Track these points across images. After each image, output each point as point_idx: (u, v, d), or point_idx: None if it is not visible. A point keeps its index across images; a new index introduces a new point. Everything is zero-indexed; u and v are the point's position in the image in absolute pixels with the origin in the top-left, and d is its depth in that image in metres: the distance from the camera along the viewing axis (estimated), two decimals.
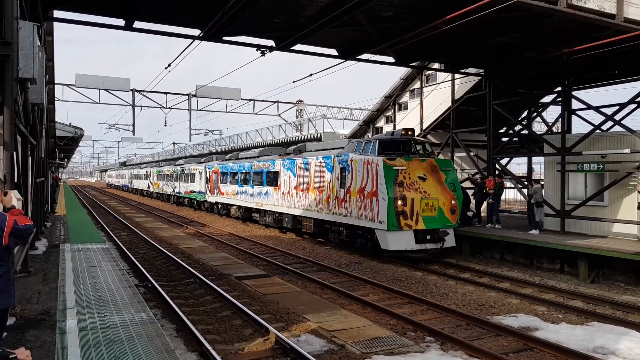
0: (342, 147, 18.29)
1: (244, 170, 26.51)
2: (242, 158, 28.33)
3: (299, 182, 20.18)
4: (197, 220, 29.19)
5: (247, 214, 26.49)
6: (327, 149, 19.71)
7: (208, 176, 32.81)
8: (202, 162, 36.24)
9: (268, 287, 12.01)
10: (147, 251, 17.64)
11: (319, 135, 32.25)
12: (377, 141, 16.30)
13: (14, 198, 6.56)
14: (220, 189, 30.06)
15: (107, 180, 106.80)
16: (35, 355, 5.47)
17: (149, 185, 55.32)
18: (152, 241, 19.30)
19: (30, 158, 12.26)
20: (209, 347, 7.26)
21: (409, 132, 16.33)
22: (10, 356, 2.92)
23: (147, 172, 57.26)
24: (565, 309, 10.40)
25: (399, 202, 14.70)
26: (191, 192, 37.31)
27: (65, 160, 54.60)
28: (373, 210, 15.34)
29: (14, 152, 7.99)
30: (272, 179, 22.78)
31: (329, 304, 10.52)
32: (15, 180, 7.86)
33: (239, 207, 27.38)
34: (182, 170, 39.93)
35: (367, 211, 15.67)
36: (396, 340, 8.20)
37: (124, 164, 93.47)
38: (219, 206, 31.24)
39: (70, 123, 27.16)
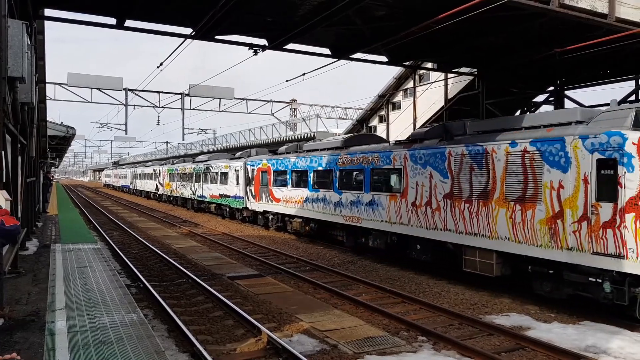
0: (577, 122, 10.29)
1: (321, 168, 18.49)
2: (314, 150, 19.70)
3: (461, 186, 12.19)
4: (191, 220, 29.08)
5: (322, 230, 18.86)
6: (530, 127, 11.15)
7: (251, 176, 24.76)
8: (238, 157, 28.25)
9: (261, 287, 11.97)
10: (139, 251, 17.55)
11: (312, 135, 32.21)
12: None
13: (2, 198, 6.51)
14: (273, 194, 22.06)
15: (104, 180, 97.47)
16: (23, 357, 5.41)
17: (157, 186, 47.07)
18: (144, 241, 19.20)
19: (20, 158, 12.15)
20: (201, 348, 7.23)
21: None
22: None
23: (155, 170, 48.27)
24: (557, 308, 10.42)
25: None
26: (221, 196, 29.06)
27: (57, 159, 54.34)
28: None
29: (3, 152, 7.92)
30: (387, 182, 15.19)
31: (321, 304, 10.49)
32: (4, 180, 7.78)
33: (307, 220, 19.57)
34: (208, 168, 32.03)
35: None
36: (389, 340, 8.19)
37: (116, 163, 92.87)
38: (270, 217, 23.12)
39: (61, 122, 27.02)
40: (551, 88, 20.45)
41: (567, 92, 19.98)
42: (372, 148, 16.04)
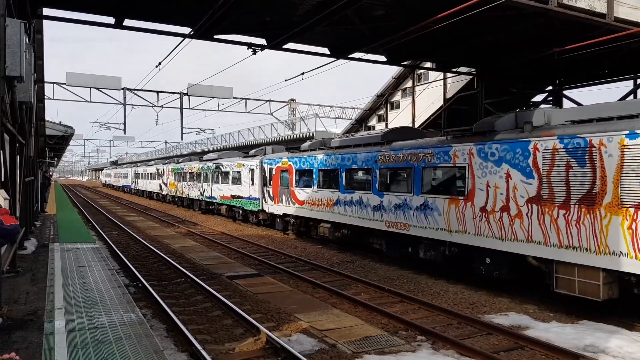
0: None
1: (356, 166, 16.14)
2: (346, 147, 17.13)
3: (553, 188, 10.04)
4: (189, 220, 29.06)
5: (356, 237, 16.61)
6: None
7: (268, 175, 22.47)
8: (253, 156, 25.79)
9: (259, 286, 11.97)
10: (137, 250, 17.54)
11: (311, 134, 32.20)
12: None
13: (1, 198, 6.50)
14: (296, 196, 19.76)
15: (104, 180, 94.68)
16: (22, 356, 5.40)
17: (161, 186, 44.85)
18: (143, 240, 19.19)
19: (18, 157, 12.14)
20: (199, 347, 7.22)
21: None
22: None
23: (158, 170, 45.86)
24: (555, 307, 10.43)
25: None
26: (234, 197, 26.81)
27: (56, 159, 54.28)
28: None
29: (1, 151, 7.91)
30: (446, 182, 13.02)
31: (320, 303, 10.49)
32: (3, 180, 7.77)
33: (338, 225, 17.15)
34: (218, 167, 29.66)
35: None
36: (387, 339, 8.19)
37: (115, 163, 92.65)
38: (291, 221, 20.76)
39: (60, 122, 26.99)
40: (550, 88, 20.47)
41: (565, 92, 20.02)
42: (423, 143, 13.61)
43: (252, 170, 24.51)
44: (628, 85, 18.48)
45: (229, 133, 49.26)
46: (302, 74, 17.59)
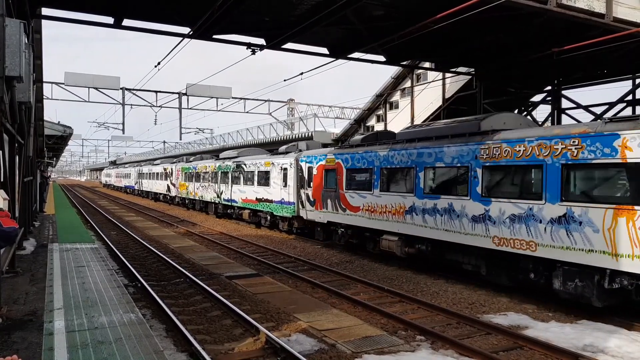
0: None
1: (442, 164, 12.81)
2: (423, 139, 13.74)
3: None
4: (188, 220, 29.04)
5: (437, 254, 13.33)
6: None
7: (307, 176, 19.28)
8: (285, 152, 22.48)
9: (259, 286, 11.97)
10: (136, 251, 17.52)
11: (310, 134, 32.22)
12: None
13: (0, 198, 6.49)
14: (347, 200, 16.44)
15: (104, 180, 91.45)
16: (22, 356, 5.40)
17: (168, 187, 41.63)
18: (142, 240, 19.17)
19: (17, 157, 12.13)
20: (199, 347, 7.21)
21: None
22: None
23: (166, 169, 42.62)
24: (554, 307, 10.45)
25: None
26: (260, 200, 23.48)
27: (55, 159, 54.22)
28: None
29: (0, 151, 7.90)
30: (603, 185, 9.81)
31: (319, 303, 10.49)
32: (2, 180, 7.76)
33: (411, 238, 13.90)
34: (239, 165, 26.42)
35: None
36: (387, 339, 8.19)
37: (114, 163, 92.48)
38: (339, 231, 17.23)
39: (59, 121, 26.92)
40: (548, 88, 20.51)
41: (564, 92, 20.05)
42: (560, 131, 10.21)
43: (285, 169, 21.09)
44: (627, 85, 18.54)
45: (228, 133, 49.26)
46: (301, 73, 17.60)
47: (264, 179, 23.15)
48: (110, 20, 13.26)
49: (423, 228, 13.29)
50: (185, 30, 13.73)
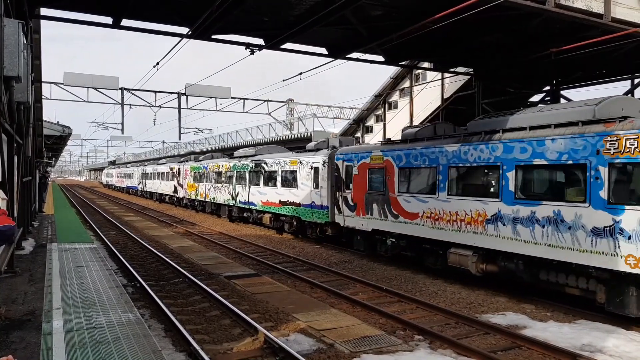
0: None
1: (541, 161, 10.45)
2: (509, 130, 11.38)
3: None
4: (187, 220, 29.04)
5: (532, 274, 10.75)
6: None
7: (345, 176, 16.84)
8: (315, 150, 19.93)
9: (257, 286, 11.97)
10: (135, 251, 17.52)
11: (309, 134, 32.22)
12: None
13: None
14: (401, 205, 14.06)
15: (105, 181, 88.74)
16: (20, 356, 5.42)
17: (175, 188, 39.15)
18: (141, 240, 19.17)
19: (16, 157, 12.13)
20: (197, 347, 7.22)
21: None
22: None
23: (172, 169, 40.14)
24: (552, 307, 10.46)
25: None
26: (284, 203, 21.02)
27: (54, 159, 54.20)
28: None
29: None
30: None
31: (318, 303, 10.50)
32: (0, 180, 7.77)
33: (493, 254, 11.57)
34: (258, 164, 23.93)
35: None
36: (385, 339, 8.20)
37: (113, 163, 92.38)
38: (388, 241, 14.83)
39: (58, 121, 26.91)
40: (547, 88, 20.52)
41: (563, 92, 20.07)
42: None
43: (316, 168, 18.73)
44: (625, 85, 18.56)
45: (227, 133, 49.24)
46: (300, 74, 17.58)
47: (290, 179, 20.77)
48: (109, 20, 13.26)
49: (513, 242, 10.75)
50: (184, 30, 13.73)
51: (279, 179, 21.64)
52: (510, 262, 11.08)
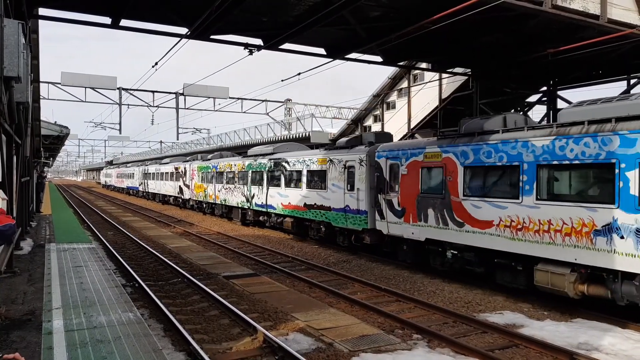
0: None
1: None
2: None
3: None
4: (185, 220, 29.04)
5: None
6: None
7: (389, 177, 14.61)
8: (348, 147, 17.51)
9: (256, 286, 12.01)
10: (134, 251, 17.53)
11: (307, 135, 32.23)
12: None
13: None
14: (467, 212, 11.95)
15: (104, 181, 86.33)
16: (21, 355, 5.44)
17: (181, 189, 36.94)
18: (139, 240, 19.18)
19: (15, 157, 12.14)
20: (197, 347, 7.26)
21: None
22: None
23: (177, 169, 37.95)
24: (549, 306, 10.52)
25: None
26: (310, 207, 18.87)
27: (51, 159, 54.08)
28: None
29: None
30: None
31: (317, 303, 10.54)
32: (0, 180, 7.79)
33: (593, 271, 9.61)
34: (278, 164, 21.82)
35: None
36: (384, 338, 8.25)
37: (110, 163, 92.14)
38: (448, 254, 12.66)
39: (55, 121, 26.86)
40: (544, 88, 20.61)
41: (560, 92, 20.17)
42: None
43: (351, 168, 16.57)
44: (622, 85, 18.66)
45: (225, 133, 49.21)
46: (299, 74, 17.62)
47: (318, 180, 18.61)
48: (107, 20, 13.27)
49: (636, 259, 8.71)
50: (183, 30, 13.74)
51: (304, 179, 19.50)
52: (630, 284, 8.89)
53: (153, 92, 30.49)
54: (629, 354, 7.70)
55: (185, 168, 35.94)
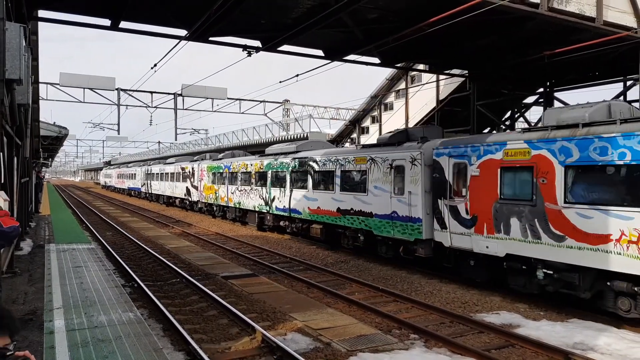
0: None
1: None
2: None
3: None
4: (184, 220, 29.06)
5: None
6: None
7: (455, 179, 12.44)
8: (397, 144, 14.88)
9: (254, 286, 12.08)
10: (132, 251, 17.58)
11: (305, 135, 32.30)
12: None
13: (1, 199, 6.59)
14: (570, 222, 9.74)
15: (103, 181, 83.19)
16: None
17: (188, 190, 34.32)
18: (137, 241, 19.23)
19: (15, 158, 12.20)
20: (196, 346, 7.33)
21: None
22: (7, 353, 2.99)
23: (184, 169, 35.32)
24: (545, 306, 10.62)
25: None
26: (344, 212, 16.61)
27: (50, 159, 54.05)
28: None
29: (1, 153, 7.99)
30: None
31: (315, 303, 10.61)
32: (2, 181, 7.86)
33: None
34: (304, 164, 19.41)
35: None
36: (381, 338, 8.33)
37: (108, 163, 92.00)
38: (539, 274, 10.37)
39: (54, 122, 26.94)
40: (541, 90, 20.74)
41: (556, 94, 20.31)
42: None
43: (399, 168, 14.24)
44: (618, 87, 18.79)
45: (224, 133, 49.26)
46: (297, 75, 17.71)
47: (355, 182, 16.36)
48: (107, 22, 13.35)
49: None
50: (182, 32, 13.83)
51: (338, 181, 17.11)
52: None
53: (151, 92, 30.58)
54: (623, 354, 7.79)
55: (193, 168, 33.35)
